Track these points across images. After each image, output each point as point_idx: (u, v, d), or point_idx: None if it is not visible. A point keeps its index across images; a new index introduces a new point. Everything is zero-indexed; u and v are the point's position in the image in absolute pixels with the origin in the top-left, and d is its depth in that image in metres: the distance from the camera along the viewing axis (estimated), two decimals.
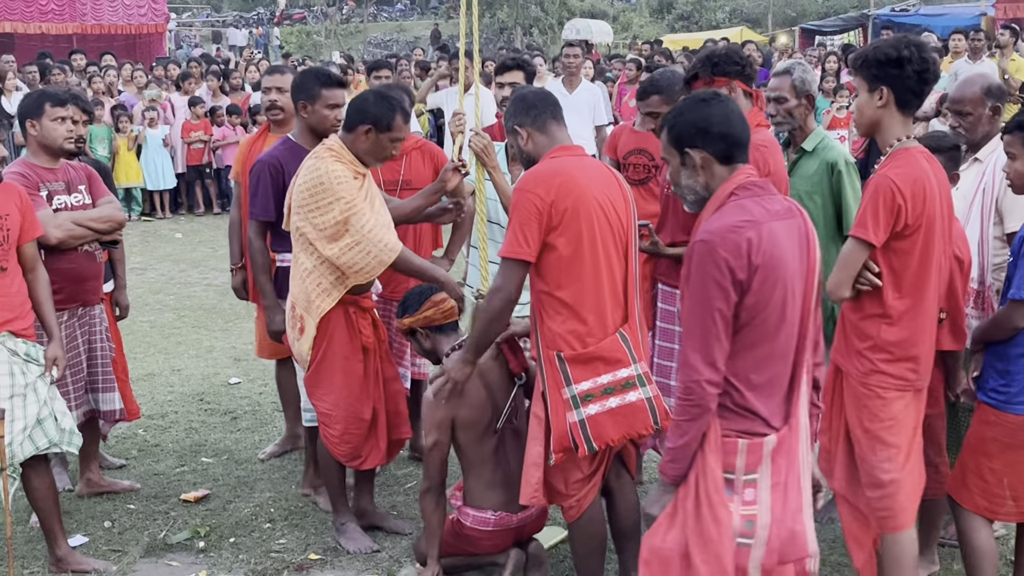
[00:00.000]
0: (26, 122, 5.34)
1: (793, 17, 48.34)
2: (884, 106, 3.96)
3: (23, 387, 4.69)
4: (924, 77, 3.92)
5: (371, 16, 56.12)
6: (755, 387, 3.28)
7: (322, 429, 5.08)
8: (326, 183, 4.69)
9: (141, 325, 9.24)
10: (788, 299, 3.26)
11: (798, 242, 3.32)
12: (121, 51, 26.20)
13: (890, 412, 3.96)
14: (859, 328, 4.01)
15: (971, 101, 4.99)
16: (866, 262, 3.91)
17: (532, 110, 4.27)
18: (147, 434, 6.85)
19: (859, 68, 4.03)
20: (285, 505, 5.70)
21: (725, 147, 3.38)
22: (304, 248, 4.81)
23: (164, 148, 15.61)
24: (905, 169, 3.87)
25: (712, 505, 3.27)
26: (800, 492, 3.31)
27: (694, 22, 51.52)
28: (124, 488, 5.92)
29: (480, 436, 4.56)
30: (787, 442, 3.30)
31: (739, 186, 3.34)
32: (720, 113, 3.38)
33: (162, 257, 12.91)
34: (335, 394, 4.99)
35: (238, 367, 8.33)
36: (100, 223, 5.47)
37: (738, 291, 3.21)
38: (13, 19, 27.79)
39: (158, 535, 5.38)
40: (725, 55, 4.77)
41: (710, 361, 3.22)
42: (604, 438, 4.04)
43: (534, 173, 4.15)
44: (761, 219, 3.25)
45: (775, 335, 3.27)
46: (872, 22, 28.63)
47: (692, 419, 3.25)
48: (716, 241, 3.21)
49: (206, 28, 53.56)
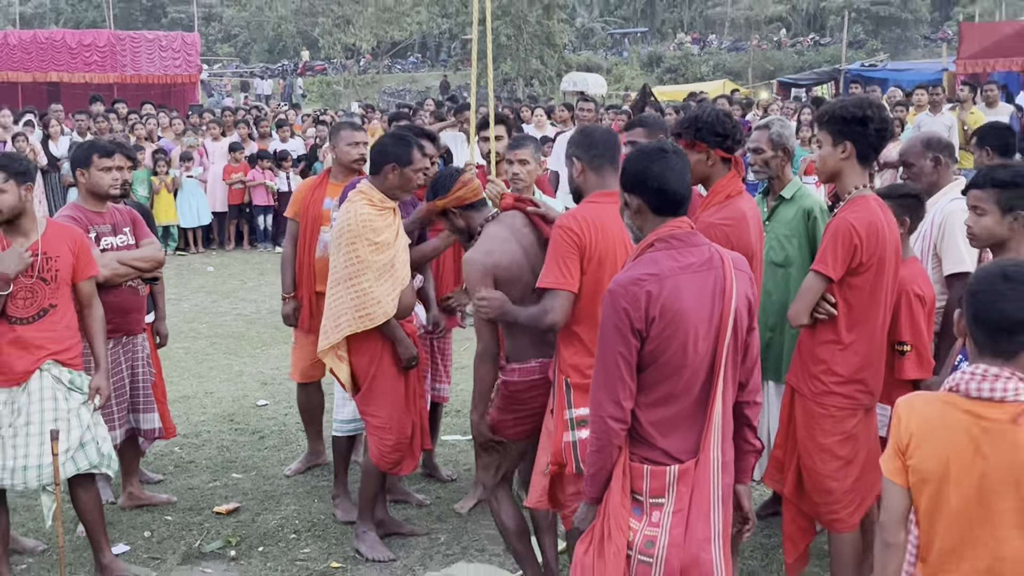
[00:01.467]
0: (76, 170, 5.45)
1: (771, 71, 48.61)
2: (846, 158, 4.09)
3: (66, 412, 4.71)
4: (883, 135, 4.07)
5: (386, 68, 56.35)
6: (654, 422, 3.25)
7: (376, 441, 5.07)
8: (353, 226, 4.83)
9: (176, 351, 9.24)
10: (690, 345, 3.18)
11: (711, 291, 3.22)
12: (157, 99, 26.25)
13: (841, 428, 4.07)
14: (814, 353, 4.12)
15: (913, 154, 5.08)
16: (824, 294, 4.02)
17: (592, 149, 4.10)
18: (182, 451, 6.86)
19: (825, 123, 4.13)
20: (309, 517, 5.71)
21: (657, 200, 3.29)
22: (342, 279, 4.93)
23: (198, 189, 15.71)
24: (862, 214, 3.99)
25: (610, 523, 3.28)
26: (708, 523, 3.24)
27: (680, 75, 51.80)
28: (162, 501, 5.93)
29: (520, 296, 4.26)
30: (692, 474, 3.24)
31: (659, 238, 3.27)
32: (659, 169, 3.27)
33: (195, 289, 12.92)
34: (388, 408, 5.05)
35: (265, 390, 8.34)
36: (142, 262, 5.53)
37: (637, 338, 3.17)
38: (60, 69, 27.97)
39: (193, 544, 5.39)
40: (709, 125, 4.43)
41: (614, 399, 3.21)
42: None
43: (574, 215, 4.02)
44: (666, 273, 3.19)
45: (677, 377, 3.22)
46: (843, 76, 28.71)
47: (598, 450, 3.27)
48: (619, 292, 3.19)
49: (235, 78, 53.86)
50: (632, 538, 3.24)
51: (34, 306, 4.65)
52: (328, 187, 6.05)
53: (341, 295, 4.91)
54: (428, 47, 63.95)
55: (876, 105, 4.11)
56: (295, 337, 6.32)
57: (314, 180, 6.25)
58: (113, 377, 5.38)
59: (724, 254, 3.32)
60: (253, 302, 11.80)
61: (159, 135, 16.50)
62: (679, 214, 3.31)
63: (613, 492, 3.29)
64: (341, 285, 4.91)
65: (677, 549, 3.20)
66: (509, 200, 4.59)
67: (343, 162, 6.04)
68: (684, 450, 3.26)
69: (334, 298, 4.96)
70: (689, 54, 56.39)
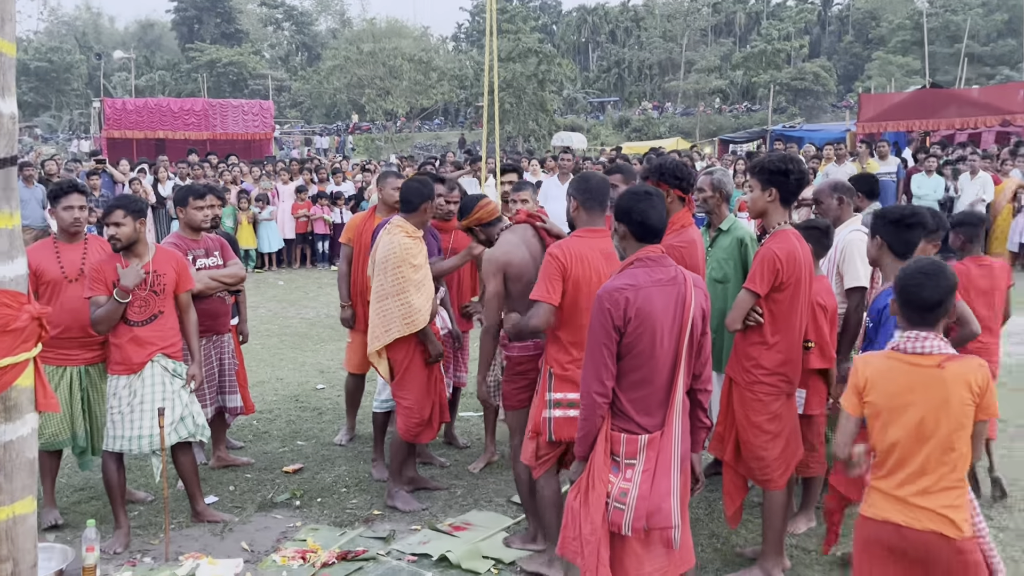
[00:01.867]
0: (177, 208, 5.54)
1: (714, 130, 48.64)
2: (772, 201, 4.11)
3: (171, 394, 4.73)
4: (801, 183, 4.10)
5: (416, 128, 56.47)
6: (632, 400, 3.30)
7: (404, 418, 5.02)
8: (398, 253, 4.83)
9: (254, 347, 9.24)
10: (657, 342, 3.26)
11: (675, 301, 3.31)
12: (240, 151, 26.37)
13: (768, 409, 4.09)
14: (746, 352, 4.14)
15: (823, 194, 5.12)
16: (753, 306, 4.04)
17: (586, 192, 4.09)
18: (259, 424, 6.86)
19: (756, 173, 4.15)
20: (356, 475, 5.71)
21: (639, 230, 3.40)
22: (385, 295, 4.90)
23: (271, 222, 15.72)
24: (783, 244, 4.02)
25: (593, 476, 3.32)
26: (669, 480, 3.27)
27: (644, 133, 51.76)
28: (243, 463, 5.94)
29: (524, 288, 4.34)
30: (658, 443, 3.29)
31: (638, 258, 3.37)
32: (642, 207, 3.39)
33: (269, 298, 12.91)
34: (417, 392, 5.00)
35: (323, 377, 8.34)
36: (228, 279, 5.57)
37: (617, 333, 3.25)
38: (164, 128, 28.01)
39: (267, 496, 5.40)
40: (670, 171, 4.67)
41: (599, 379, 3.27)
42: (559, 434, 4.03)
43: (562, 246, 4.04)
44: (641, 285, 3.28)
45: (647, 366, 3.27)
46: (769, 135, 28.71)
47: (586, 418, 3.33)
48: (605, 297, 3.28)
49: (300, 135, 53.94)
50: (610, 489, 3.28)
51: (147, 312, 4.67)
52: (376, 220, 6.03)
53: (390, 307, 4.85)
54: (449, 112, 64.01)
55: (795, 160, 4.14)
56: (351, 337, 6.28)
57: (365, 214, 6.20)
58: (205, 367, 5.41)
59: (687, 274, 3.40)
60: (314, 308, 11.79)
61: (241, 179, 16.53)
62: (655, 241, 3.42)
63: (597, 453, 3.32)
64: (390, 299, 4.85)
65: (644, 500, 3.24)
66: (523, 215, 4.73)
67: (387, 202, 6.02)
68: (652, 424, 3.31)
69: (384, 310, 4.88)
70: (651, 118, 56.40)
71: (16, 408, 2.88)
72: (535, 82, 42.85)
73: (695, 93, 60.17)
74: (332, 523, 4.99)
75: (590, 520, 3.28)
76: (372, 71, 49.96)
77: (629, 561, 3.31)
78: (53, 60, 66.74)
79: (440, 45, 76.49)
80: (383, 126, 53.17)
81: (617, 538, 3.31)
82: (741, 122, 52.07)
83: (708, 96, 59.96)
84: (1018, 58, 50.30)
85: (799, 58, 63.69)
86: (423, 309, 4.87)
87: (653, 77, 69.81)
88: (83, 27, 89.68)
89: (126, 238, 4.61)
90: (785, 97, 56.77)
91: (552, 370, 4.06)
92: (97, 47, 77.99)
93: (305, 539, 4.72)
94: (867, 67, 61.08)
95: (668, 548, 3.32)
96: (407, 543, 4.67)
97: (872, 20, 70.30)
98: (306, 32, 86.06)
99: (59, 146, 47.74)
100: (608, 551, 3.29)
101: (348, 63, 50.97)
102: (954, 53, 50.03)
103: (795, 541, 4.62)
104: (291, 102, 68.22)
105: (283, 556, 4.51)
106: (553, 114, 46.32)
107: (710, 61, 63.55)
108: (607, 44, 77.16)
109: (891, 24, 63.92)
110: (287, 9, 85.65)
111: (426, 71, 50.51)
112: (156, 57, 74.00)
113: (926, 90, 25.41)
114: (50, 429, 4.78)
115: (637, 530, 3.25)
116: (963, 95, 23.71)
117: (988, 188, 13.49)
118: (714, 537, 4.70)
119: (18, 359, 2.86)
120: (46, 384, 3.00)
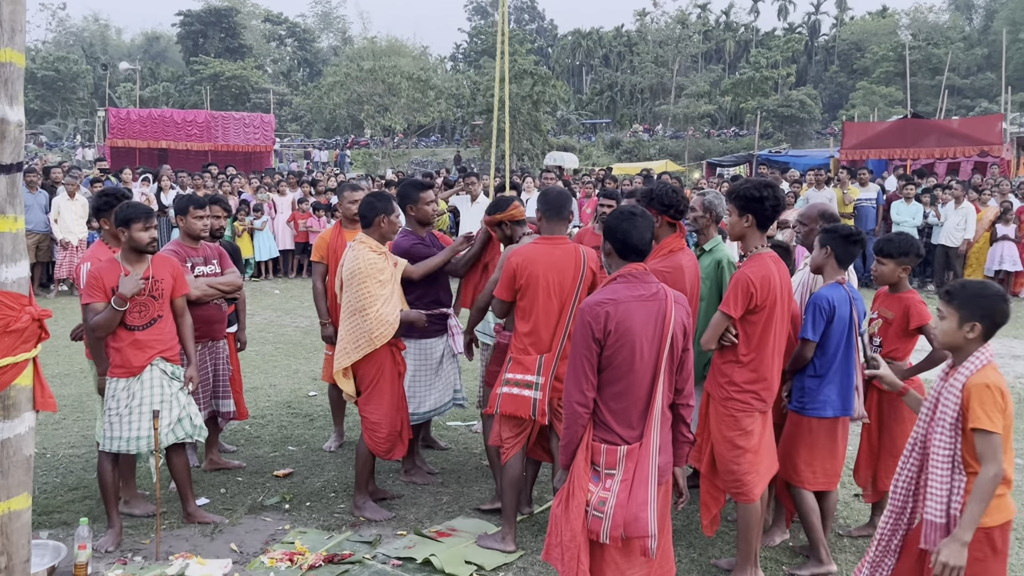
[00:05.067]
0: (178, 217, 5.54)
1: (702, 154, 48.95)
2: (749, 227, 4.16)
3: (170, 396, 4.73)
4: (776, 209, 4.14)
5: (414, 144, 56.63)
6: (612, 411, 3.31)
7: (369, 434, 4.97)
8: (363, 268, 4.81)
9: (249, 353, 9.23)
10: (636, 356, 3.27)
11: (655, 317, 3.31)
12: (240, 163, 26.42)
13: (740, 425, 4.11)
14: (721, 370, 4.17)
15: (809, 218, 5.09)
16: (728, 327, 4.08)
17: (546, 204, 4.62)
18: (251, 429, 6.85)
19: (733, 199, 4.20)
20: (344, 481, 5.70)
21: (621, 247, 3.42)
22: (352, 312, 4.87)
23: (268, 232, 15.73)
24: (758, 269, 4.05)
25: (574, 485, 3.34)
26: (646, 490, 3.27)
27: (634, 155, 52.06)
28: (234, 466, 5.93)
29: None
30: (637, 454, 3.29)
31: (620, 275, 3.39)
32: (627, 227, 3.40)
33: (265, 306, 12.91)
34: (384, 408, 4.95)
35: (315, 384, 8.32)
36: (224, 286, 5.57)
37: (598, 345, 3.28)
38: (168, 139, 27.95)
39: (257, 499, 5.39)
40: (659, 197, 4.69)
41: (580, 389, 3.30)
42: (503, 409, 4.52)
43: (517, 250, 4.59)
44: (622, 299, 3.29)
45: (626, 378, 3.28)
46: (755, 159, 28.83)
47: (568, 427, 3.36)
48: (586, 310, 3.31)
49: (300, 148, 53.99)
50: (589, 498, 3.30)
51: (147, 316, 4.68)
52: (345, 234, 5.97)
53: (358, 323, 4.81)
54: (446, 129, 64.21)
55: (771, 186, 4.16)
56: (329, 350, 6.17)
57: (332, 230, 6.07)
58: (200, 371, 5.40)
59: (668, 290, 3.41)
60: (308, 318, 11.80)
61: (240, 190, 16.55)
62: (638, 259, 3.44)
63: (578, 462, 3.35)
64: (357, 315, 4.81)
65: (622, 508, 3.26)
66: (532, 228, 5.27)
67: (346, 215, 6.01)
68: (632, 435, 3.31)
69: (351, 325, 4.84)
70: (641, 140, 56.79)
71: (15, 407, 2.89)
72: (530, 103, 43.04)
73: (685, 117, 60.55)
74: (320, 527, 4.98)
75: (570, 527, 3.30)
76: (371, 88, 50.08)
77: (608, 568, 3.32)
78: (60, 69, 66.75)
79: (438, 64, 76.80)
80: (380, 141, 53.25)
81: (597, 546, 3.33)
82: (729, 146, 52.40)
83: (697, 120, 60.33)
84: (996, 91, 50.77)
85: (786, 86, 64.23)
86: (391, 322, 4.84)
87: (644, 101, 70.25)
88: (90, 38, 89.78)
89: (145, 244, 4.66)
90: (772, 123, 57.20)
91: (511, 355, 4.56)
92: (103, 58, 78.06)
93: (293, 542, 4.72)
94: (851, 96, 61.61)
95: (647, 557, 3.33)
96: (392, 547, 4.67)
97: (857, 51, 71.02)
98: (308, 48, 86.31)
99: (64, 154, 47.65)
100: (588, 558, 3.31)
101: (348, 79, 51.09)
102: (935, 85, 50.49)
103: (769, 553, 4.65)
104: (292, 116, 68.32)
105: (271, 558, 4.51)
106: (547, 134, 46.50)
107: (700, 87, 64.06)
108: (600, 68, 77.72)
109: (875, 55, 64.58)
110: (290, 26, 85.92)
111: (424, 89, 50.68)
112: (161, 69, 74.11)
113: (907, 120, 25.62)
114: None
115: (615, 538, 3.26)
116: (943, 125, 23.89)
117: (971, 218, 13.59)
118: (691, 547, 4.72)
119: (18, 359, 2.88)
120: (44, 384, 3.02)
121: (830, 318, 4.26)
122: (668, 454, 3.42)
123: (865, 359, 4.36)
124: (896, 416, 4.64)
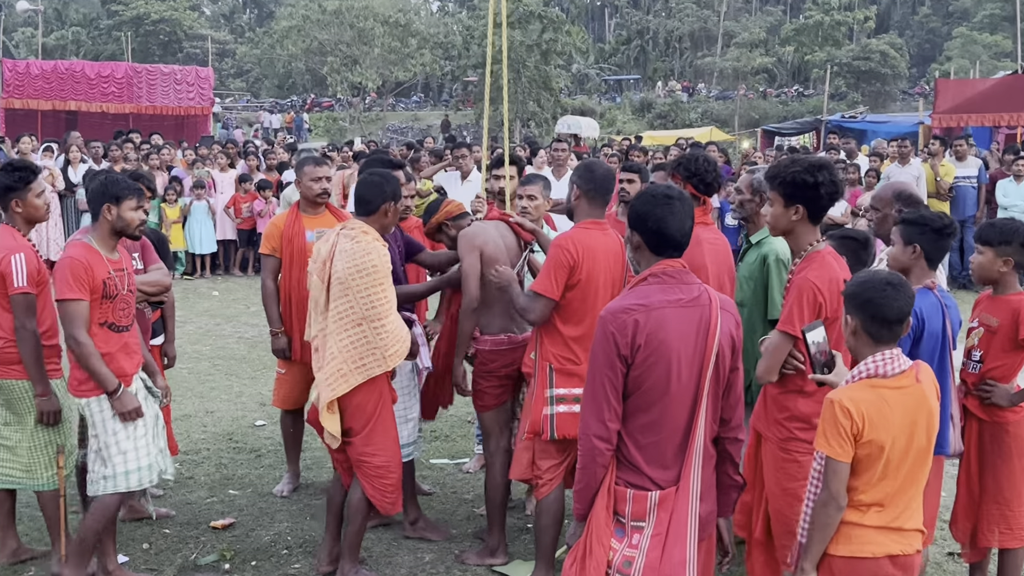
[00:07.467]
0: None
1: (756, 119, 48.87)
2: (799, 220, 4.01)
3: (153, 417, 4.94)
4: (834, 197, 4.01)
5: (390, 106, 56.70)
6: (641, 447, 3.27)
7: (371, 482, 4.83)
8: (376, 265, 4.68)
9: (180, 372, 9.22)
10: (673, 376, 3.22)
11: (696, 326, 3.25)
12: (171, 130, 26.46)
13: (805, 473, 3.93)
14: (778, 401, 4.05)
15: (883, 201, 5.07)
16: (791, 351, 3.96)
17: (590, 183, 4.77)
18: (182, 468, 6.84)
19: (777, 185, 4.03)
20: (301, 534, 5.71)
21: (655, 240, 3.34)
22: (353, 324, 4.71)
23: (207, 217, 15.76)
24: (823, 271, 3.94)
25: (592, 540, 3.31)
26: (684, 548, 3.23)
27: (670, 120, 52.03)
28: (161, 514, 5.91)
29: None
30: (672, 501, 3.25)
31: (652, 274, 3.32)
32: (660, 213, 3.32)
33: (200, 312, 12.93)
34: (391, 446, 4.87)
35: (263, 411, 8.33)
36: (148, 287, 5.55)
37: (623, 363, 3.22)
38: (78, 99, 27.98)
39: (189, 557, 5.39)
40: (687, 163, 5.03)
41: (600, 419, 3.25)
42: (563, 431, 4.58)
43: (571, 238, 4.69)
44: (654, 305, 3.23)
45: (659, 405, 3.24)
46: (824, 126, 28.70)
47: (584, 467, 3.31)
48: (608, 319, 3.24)
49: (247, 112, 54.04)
50: (612, 557, 3.28)
51: (130, 315, 4.90)
52: (304, 220, 5.99)
53: (366, 336, 4.66)
54: (431, 88, 64.33)
55: (825, 167, 4.02)
56: (282, 367, 6.21)
57: (287, 216, 6.08)
58: None
59: (713, 294, 3.35)
60: (255, 326, 11.80)
61: (170, 165, 16.56)
62: (675, 255, 3.37)
63: (597, 511, 3.32)
64: (367, 325, 4.65)
65: (652, 572, 3.23)
66: (495, 212, 5.53)
67: (307, 196, 6.03)
68: (666, 478, 3.28)
69: (355, 338, 4.67)
70: (679, 101, 56.73)
71: None
72: (537, 54, 43.09)
73: (734, 72, 60.50)
74: None
75: None
76: (337, 35, 50.04)
77: None
78: None
79: (422, 6, 76.78)
80: (348, 103, 53.26)
81: None
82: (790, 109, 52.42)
83: (750, 77, 60.32)
84: None
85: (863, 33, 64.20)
86: (404, 338, 4.80)
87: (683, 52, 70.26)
88: None
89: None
90: (845, 80, 57.15)
91: (552, 365, 4.64)
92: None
93: None
94: (946, 46, 61.57)
95: None
96: None
97: None
98: None
99: None
100: None
101: (307, 24, 51.01)
102: None
103: None
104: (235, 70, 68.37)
105: None
106: (559, 94, 46.54)
107: (754, 34, 63.98)
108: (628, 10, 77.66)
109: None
110: None
111: (404, 37, 50.62)
112: (70, 10, 74.11)
113: (1018, 76, 25.57)
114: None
115: None
116: None
117: None
118: None
119: None
120: None
121: (919, 335, 4.15)
122: (711, 502, 3.39)
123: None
124: (1001, 451, 4.61)
